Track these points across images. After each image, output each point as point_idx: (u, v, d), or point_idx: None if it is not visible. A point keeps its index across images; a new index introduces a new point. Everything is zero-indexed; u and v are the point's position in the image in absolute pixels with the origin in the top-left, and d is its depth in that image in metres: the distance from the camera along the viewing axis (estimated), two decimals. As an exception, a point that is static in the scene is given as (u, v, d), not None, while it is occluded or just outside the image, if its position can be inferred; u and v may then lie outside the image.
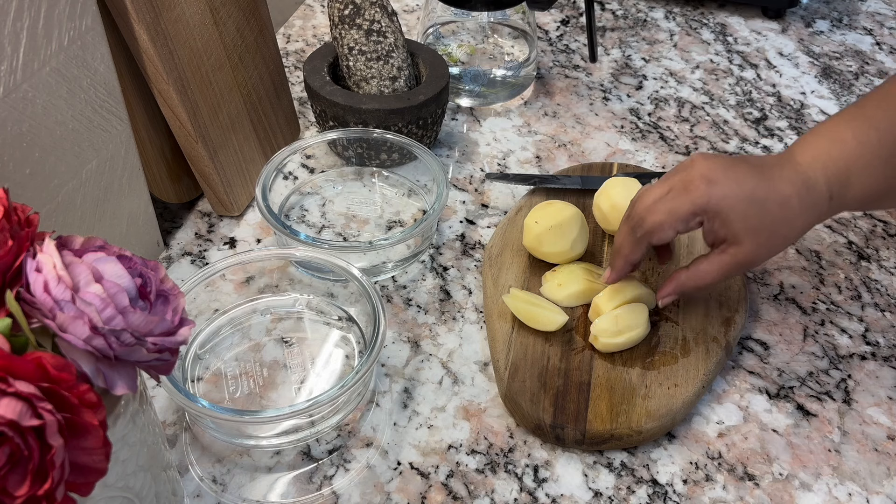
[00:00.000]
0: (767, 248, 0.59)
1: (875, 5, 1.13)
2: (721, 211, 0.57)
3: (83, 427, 0.37)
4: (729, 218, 0.57)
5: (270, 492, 0.58)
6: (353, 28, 0.81)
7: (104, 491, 0.44)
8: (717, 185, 0.57)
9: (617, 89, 0.96)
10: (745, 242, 0.58)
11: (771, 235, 0.58)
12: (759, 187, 0.57)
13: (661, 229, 0.59)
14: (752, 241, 0.58)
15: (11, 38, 0.52)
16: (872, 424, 0.63)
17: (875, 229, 0.80)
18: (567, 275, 0.68)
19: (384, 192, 0.82)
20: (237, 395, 0.63)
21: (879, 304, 0.72)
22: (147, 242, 0.73)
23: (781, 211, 0.58)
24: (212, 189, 0.76)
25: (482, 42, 0.94)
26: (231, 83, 0.77)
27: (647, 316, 0.65)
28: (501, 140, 0.88)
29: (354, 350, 0.67)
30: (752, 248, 0.58)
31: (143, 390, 0.47)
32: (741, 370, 0.67)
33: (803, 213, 0.58)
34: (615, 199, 0.70)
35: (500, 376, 0.63)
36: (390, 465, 0.60)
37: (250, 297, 0.70)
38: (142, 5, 0.65)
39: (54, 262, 0.38)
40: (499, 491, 0.58)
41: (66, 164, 0.59)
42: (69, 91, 0.58)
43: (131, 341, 0.39)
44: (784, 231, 0.58)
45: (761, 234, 0.58)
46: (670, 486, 0.59)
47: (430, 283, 0.73)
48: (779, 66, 1.01)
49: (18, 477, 0.35)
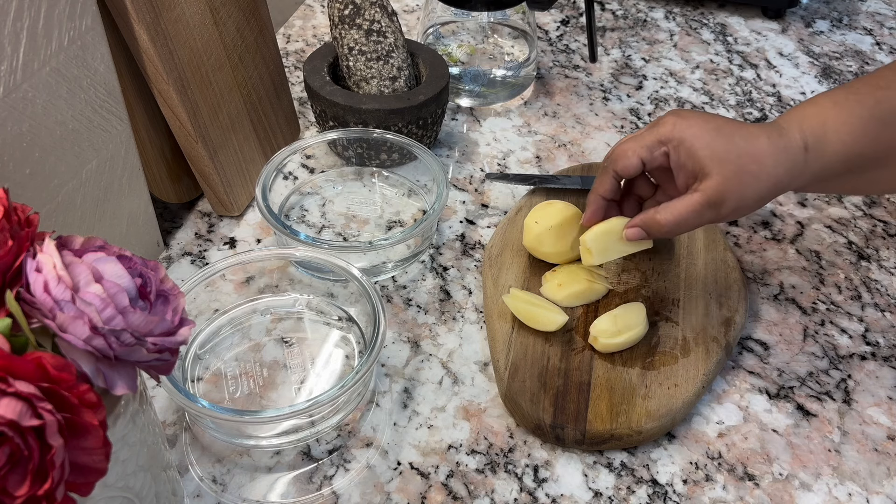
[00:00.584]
0: (737, 184, 0.57)
1: (875, 5, 1.13)
2: (686, 139, 0.58)
3: (83, 427, 0.37)
4: (694, 146, 0.57)
5: (270, 492, 0.58)
6: (353, 28, 0.81)
7: (104, 491, 0.44)
8: (684, 119, 0.59)
9: (617, 89, 0.96)
10: (713, 174, 0.57)
11: (739, 170, 0.57)
12: (727, 123, 0.58)
13: (624, 155, 0.60)
14: (720, 173, 0.57)
15: (11, 38, 0.52)
16: (872, 424, 0.63)
17: (875, 229, 0.80)
18: (567, 275, 0.68)
19: (384, 192, 0.82)
20: (237, 395, 0.63)
21: (879, 304, 0.72)
22: (147, 242, 0.73)
23: (749, 144, 0.57)
24: (212, 189, 0.76)
25: (482, 42, 0.94)
26: (231, 83, 0.77)
27: (646, 315, 0.65)
28: (501, 140, 0.88)
29: (354, 350, 0.67)
30: (720, 180, 0.57)
31: (143, 390, 0.47)
32: (741, 370, 0.67)
33: (774, 153, 0.57)
34: (615, 199, 0.70)
35: (500, 376, 0.63)
36: (390, 465, 0.60)
37: (250, 297, 0.70)
38: (142, 5, 0.65)
39: (54, 262, 0.38)
40: (499, 491, 0.58)
41: (66, 164, 0.59)
42: (69, 91, 0.58)
43: (131, 341, 0.39)
44: (753, 168, 0.57)
45: (728, 164, 0.57)
46: (670, 486, 0.59)
47: (430, 283, 0.73)
48: (779, 66, 1.01)
49: (18, 477, 0.35)
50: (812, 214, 0.81)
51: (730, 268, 0.71)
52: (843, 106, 0.58)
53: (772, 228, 0.79)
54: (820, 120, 0.58)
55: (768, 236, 0.78)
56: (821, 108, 0.58)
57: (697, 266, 0.71)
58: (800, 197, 0.83)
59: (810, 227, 0.80)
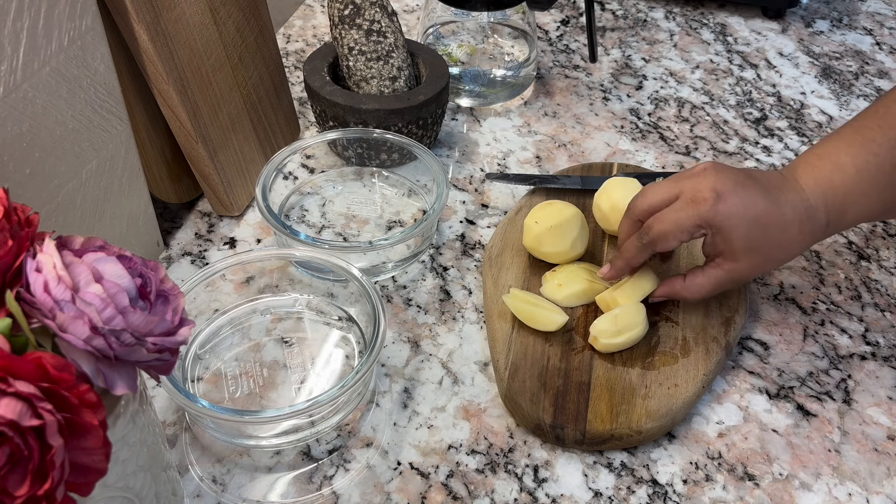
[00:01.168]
0: (761, 268, 0.62)
1: (875, 5, 1.13)
2: (724, 228, 0.59)
3: (83, 427, 0.37)
4: (731, 236, 0.59)
5: (270, 492, 0.58)
6: (353, 28, 0.81)
7: (104, 491, 0.44)
8: (725, 203, 0.59)
9: (617, 89, 0.96)
10: (742, 260, 0.61)
11: (767, 258, 0.61)
12: (765, 212, 0.59)
13: (665, 239, 0.61)
14: (748, 261, 0.61)
15: (11, 38, 0.52)
16: (872, 424, 0.63)
17: (875, 229, 0.80)
18: (567, 275, 0.68)
19: (384, 192, 0.82)
20: (237, 395, 0.63)
21: (879, 304, 0.72)
22: (147, 242, 0.73)
23: (781, 236, 0.60)
24: (212, 189, 0.76)
25: (482, 42, 0.94)
26: (231, 83, 0.77)
27: (646, 315, 0.65)
28: (501, 140, 0.88)
29: (354, 350, 0.67)
30: (747, 266, 0.61)
31: (143, 390, 0.47)
32: (741, 370, 0.67)
33: (801, 240, 0.61)
34: (615, 200, 0.70)
35: (500, 376, 0.63)
36: (390, 465, 0.60)
37: (250, 297, 0.70)
38: (142, 5, 0.65)
39: (54, 262, 0.38)
40: (499, 491, 0.58)
41: (66, 164, 0.59)
42: (69, 91, 0.58)
43: (131, 341, 0.39)
44: (779, 255, 0.61)
45: (758, 255, 0.61)
46: (670, 486, 0.59)
47: (430, 283, 0.73)
48: (779, 66, 1.01)
49: (18, 477, 0.35)
50: (812, 214, 0.81)
51: (730, 268, 0.71)
52: (864, 173, 0.59)
53: (772, 228, 0.79)
54: (843, 192, 0.60)
55: (768, 236, 0.78)
56: (843, 176, 0.60)
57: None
58: (800, 197, 0.83)
59: (810, 227, 0.80)
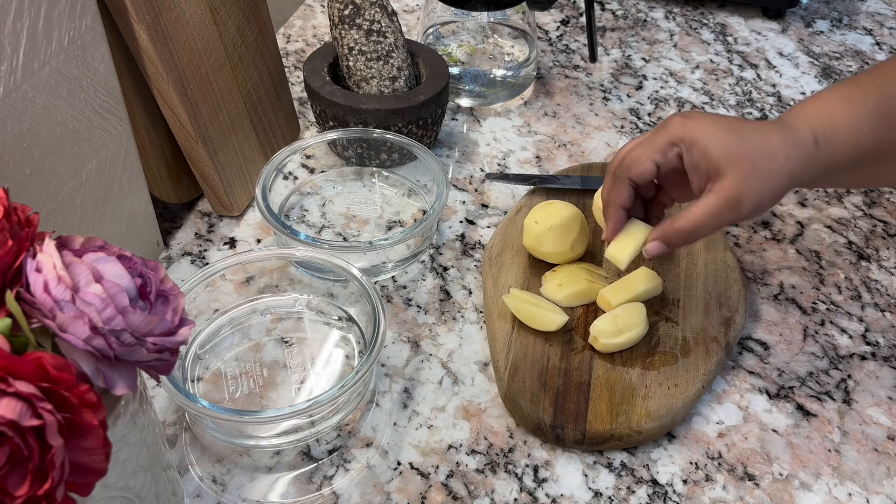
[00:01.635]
0: (754, 181, 0.56)
1: (875, 5, 1.13)
2: (698, 139, 0.57)
3: (83, 427, 0.37)
4: (707, 145, 0.56)
5: (270, 492, 0.58)
6: (353, 28, 0.81)
7: (104, 491, 0.44)
8: (693, 120, 0.58)
9: (617, 89, 0.96)
10: (728, 173, 0.56)
11: (754, 166, 0.56)
12: (737, 121, 0.58)
13: (638, 161, 0.59)
14: (735, 171, 0.56)
15: (11, 38, 0.52)
16: (872, 424, 0.63)
17: (875, 229, 0.80)
18: (567, 275, 0.68)
19: (384, 192, 0.82)
20: (237, 395, 0.63)
21: (879, 304, 0.72)
22: (147, 242, 0.73)
23: (762, 140, 0.57)
24: (212, 189, 0.76)
25: (482, 42, 0.94)
26: (231, 83, 0.77)
27: (646, 315, 0.65)
28: (501, 140, 0.88)
29: (354, 350, 0.67)
30: (737, 179, 0.56)
31: (143, 390, 0.47)
32: (741, 370, 0.67)
33: (786, 147, 0.57)
34: (615, 199, 0.70)
35: (500, 376, 0.63)
36: (390, 465, 0.60)
37: (250, 297, 0.70)
38: (142, 5, 0.65)
39: (54, 262, 0.38)
40: (499, 491, 0.58)
41: (66, 164, 0.59)
42: (69, 91, 0.58)
43: (131, 341, 0.39)
44: (767, 163, 0.56)
45: (743, 162, 0.56)
46: (670, 486, 0.59)
47: (430, 283, 0.73)
48: (779, 66, 1.01)
49: (18, 477, 0.35)
50: (812, 214, 0.81)
51: (730, 268, 0.71)
52: (851, 101, 0.58)
53: (772, 228, 0.79)
54: (829, 113, 0.58)
55: (768, 236, 0.78)
56: (828, 103, 0.58)
57: (697, 266, 0.71)
58: (800, 197, 0.83)
59: (810, 227, 0.80)
